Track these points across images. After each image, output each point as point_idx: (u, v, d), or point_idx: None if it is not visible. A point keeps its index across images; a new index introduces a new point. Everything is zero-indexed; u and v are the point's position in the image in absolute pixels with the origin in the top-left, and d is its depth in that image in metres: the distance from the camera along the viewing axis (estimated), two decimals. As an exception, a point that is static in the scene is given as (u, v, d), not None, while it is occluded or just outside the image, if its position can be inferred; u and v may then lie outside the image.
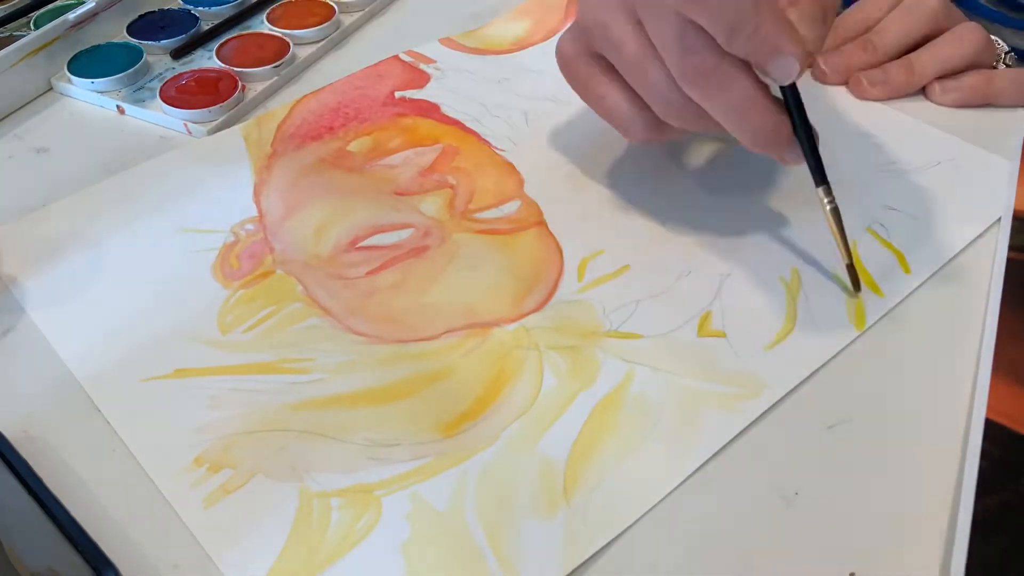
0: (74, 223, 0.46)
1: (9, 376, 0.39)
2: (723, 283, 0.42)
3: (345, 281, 0.42)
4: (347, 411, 0.37)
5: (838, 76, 0.55)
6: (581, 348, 0.39)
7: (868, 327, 0.40)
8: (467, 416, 0.37)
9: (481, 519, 0.33)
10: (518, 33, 0.61)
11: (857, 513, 0.34)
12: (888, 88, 0.54)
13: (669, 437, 0.36)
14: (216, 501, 0.33)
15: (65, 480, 0.34)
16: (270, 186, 0.48)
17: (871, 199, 0.47)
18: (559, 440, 0.36)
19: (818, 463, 0.36)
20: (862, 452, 0.36)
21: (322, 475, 0.34)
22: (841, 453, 0.36)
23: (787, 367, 0.39)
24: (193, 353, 0.39)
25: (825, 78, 0.56)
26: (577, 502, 0.34)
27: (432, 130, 0.52)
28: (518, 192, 0.48)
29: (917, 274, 0.43)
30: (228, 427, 0.36)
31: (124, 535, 0.33)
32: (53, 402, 0.37)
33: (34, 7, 0.59)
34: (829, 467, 0.35)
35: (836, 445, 0.36)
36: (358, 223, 0.45)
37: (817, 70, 0.56)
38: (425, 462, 0.35)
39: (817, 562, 0.33)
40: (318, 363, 0.38)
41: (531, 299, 0.41)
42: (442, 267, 0.43)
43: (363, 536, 0.32)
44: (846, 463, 0.36)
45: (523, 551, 0.32)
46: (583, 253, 0.44)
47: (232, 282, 0.42)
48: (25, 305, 0.41)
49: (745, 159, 0.48)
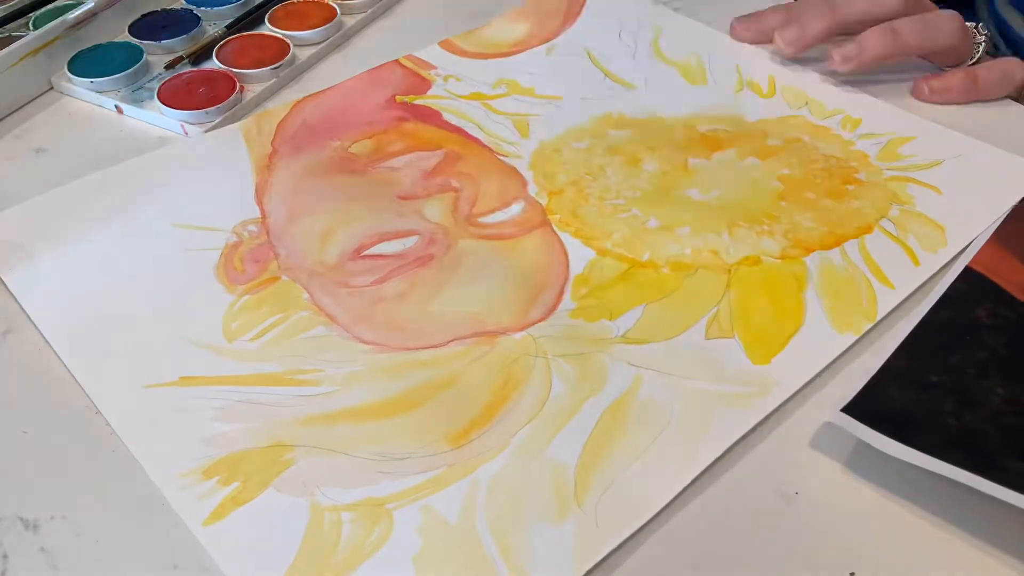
0: (68, 215, 0.46)
1: (9, 375, 0.39)
2: (729, 282, 0.42)
3: (350, 289, 0.42)
4: (356, 425, 0.36)
5: (795, 47, 0.57)
6: (589, 355, 0.39)
7: (879, 320, 0.41)
8: (476, 424, 0.36)
9: (492, 528, 0.33)
10: (518, 35, 0.61)
11: (857, 513, 0.34)
12: (863, 58, 0.54)
13: (678, 438, 0.36)
14: (226, 514, 0.33)
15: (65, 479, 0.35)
16: (272, 187, 0.48)
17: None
18: (568, 445, 0.36)
19: (818, 463, 0.36)
20: (863, 452, 0.36)
21: (332, 489, 0.34)
22: (841, 453, 0.36)
23: (797, 365, 0.39)
24: (198, 360, 0.39)
25: (781, 50, 0.57)
26: (588, 506, 0.34)
27: (434, 135, 0.52)
28: (522, 193, 0.48)
29: (927, 267, 0.43)
30: (237, 441, 0.36)
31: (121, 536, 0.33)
32: (53, 402, 0.37)
33: (34, 7, 0.59)
34: (829, 467, 0.36)
35: (836, 445, 0.36)
36: (363, 230, 0.45)
37: (775, 43, 0.58)
38: (435, 474, 0.35)
39: (817, 562, 0.33)
40: (327, 374, 0.38)
41: (537, 307, 0.41)
42: (448, 277, 0.43)
43: (374, 550, 0.32)
44: (846, 463, 0.36)
45: (534, 558, 0.32)
46: (589, 255, 0.44)
47: (236, 286, 0.42)
48: (22, 301, 0.41)
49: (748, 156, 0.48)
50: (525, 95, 0.55)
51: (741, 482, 0.35)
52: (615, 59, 0.58)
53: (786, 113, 0.54)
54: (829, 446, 0.36)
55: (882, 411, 0.35)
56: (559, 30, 0.61)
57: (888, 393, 0.36)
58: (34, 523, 0.33)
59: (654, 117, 0.54)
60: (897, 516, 0.34)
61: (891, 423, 0.34)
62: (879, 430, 0.34)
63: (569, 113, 0.54)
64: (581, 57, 0.59)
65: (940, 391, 0.36)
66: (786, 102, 0.55)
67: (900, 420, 0.35)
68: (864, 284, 0.42)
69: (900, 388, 0.36)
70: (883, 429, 0.34)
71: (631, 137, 0.52)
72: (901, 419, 0.35)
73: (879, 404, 0.36)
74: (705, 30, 0.61)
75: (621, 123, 0.53)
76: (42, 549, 0.32)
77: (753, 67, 0.58)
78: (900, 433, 0.34)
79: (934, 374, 0.37)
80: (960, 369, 0.37)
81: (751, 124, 0.53)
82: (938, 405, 0.36)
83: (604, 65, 0.58)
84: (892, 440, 0.34)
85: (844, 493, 0.35)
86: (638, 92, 0.56)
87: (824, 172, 0.49)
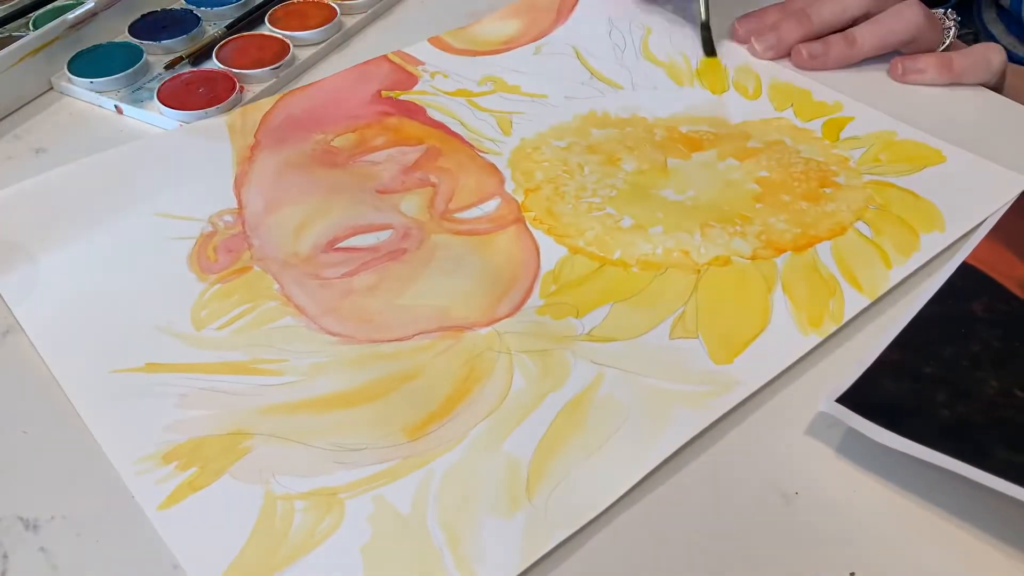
0: (50, 203, 0.46)
1: (9, 375, 0.39)
2: (698, 283, 0.42)
3: (321, 281, 0.43)
4: (315, 416, 0.37)
5: (773, 52, 0.58)
6: (552, 351, 0.39)
7: (845, 322, 0.41)
8: (435, 417, 0.37)
9: (441, 520, 0.33)
10: (508, 33, 0.61)
11: (857, 513, 0.34)
12: (827, 59, 0.57)
13: (635, 435, 0.36)
14: (181, 498, 0.34)
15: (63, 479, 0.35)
16: (251, 179, 0.48)
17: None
18: (525, 439, 0.36)
19: (818, 463, 0.36)
20: (863, 451, 0.36)
21: (287, 478, 0.34)
22: (841, 453, 0.36)
23: (760, 364, 0.39)
24: (165, 347, 0.39)
25: (759, 55, 0.59)
26: (539, 500, 0.34)
27: (416, 131, 0.52)
28: (498, 190, 0.48)
29: (898, 271, 0.43)
30: (197, 428, 0.36)
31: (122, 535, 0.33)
32: (53, 401, 0.38)
33: (34, 7, 0.60)
34: (829, 467, 0.36)
35: (836, 445, 0.36)
36: (338, 222, 0.46)
37: (751, 48, 0.59)
38: (391, 464, 0.35)
39: (817, 562, 0.33)
40: (291, 364, 0.39)
41: (505, 304, 0.42)
42: (418, 271, 0.43)
43: (324, 538, 0.33)
44: (847, 463, 0.36)
45: (481, 549, 0.32)
46: (561, 253, 0.44)
47: (208, 275, 0.43)
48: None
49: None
50: (511, 93, 0.55)
51: (741, 481, 0.35)
52: (603, 59, 0.59)
53: (770, 115, 0.54)
54: (830, 446, 0.36)
55: (876, 401, 0.35)
56: (550, 28, 0.62)
57: (882, 384, 0.36)
58: (34, 523, 0.33)
59: (637, 117, 0.54)
60: (897, 516, 0.34)
61: (884, 413, 0.35)
62: (872, 420, 0.34)
63: (554, 111, 0.54)
64: (569, 56, 0.59)
65: (933, 382, 0.36)
66: (772, 103, 0.55)
67: (893, 410, 0.35)
68: (833, 286, 0.42)
69: (894, 379, 0.37)
70: (876, 419, 0.34)
71: (612, 136, 0.52)
72: (894, 409, 0.35)
73: (873, 395, 0.36)
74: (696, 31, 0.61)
75: (604, 122, 0.53)
76: (42, 549, 0.33)
77: (741, 68, 0.58)
78: (893, 423, 0.34)
79: (928, 366, 0.37)
80: (954, 361, 0.37)
81: (734, 126, 0.53)
82: (931, 396, 0.36)
83: (591, 64, 0.58)
84: (885, 429, 0.34)
85: (844, 493, 0.35)
86: (624, 92, 0.56)
87: (802, 175, 0.49)
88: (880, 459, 0.35)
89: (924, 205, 0.47)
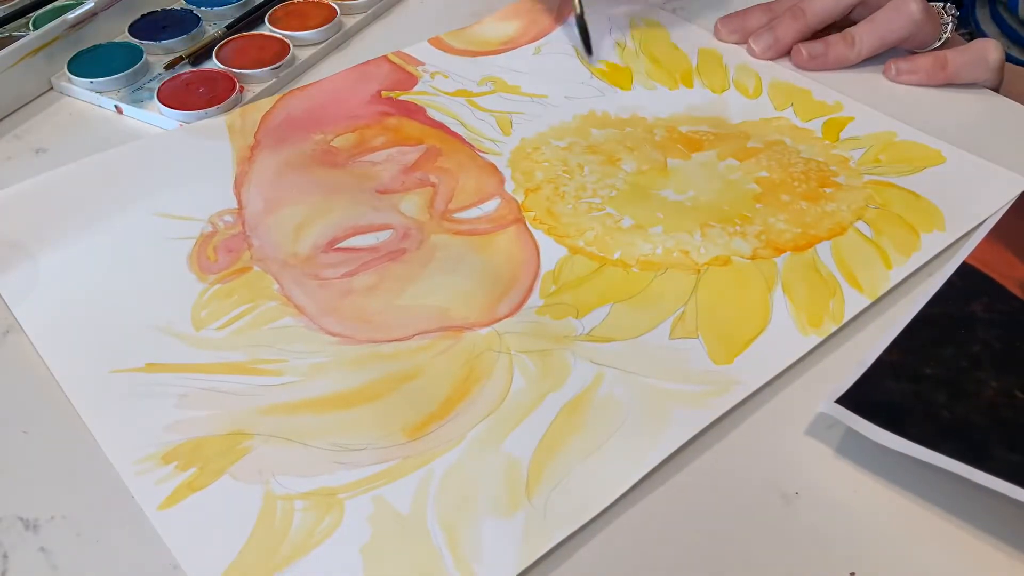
0: (51, 203, 0.46)
1: (10, 375, 0.39)
2: (698, 283, 0.42)
3: (321, 281, 0.43)
4: (316, 416, 0.37)
5: (772, 51, 0.59)
6: (552, 351, 0.39)
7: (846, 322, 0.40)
8: (435, 417, 0.37)
9: (441, 520, 0.33)
10: (508, 33, 0.61)
11: (857, 513, 0.34)
12: (827, 60, 0.57)
13: (634, 435, 0.36)
14: (181, 499, 0.34)
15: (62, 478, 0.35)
16: (251, 179, 0.48)
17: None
18: (524, 440, 0.36)
19: (818, 463, 0.36)
20: (863, 452, 0.36)
21: (287, 478, 0.34)
22: (841, 453, 0.36)
23: (760, 364, 0.39)
24: (165, 347, 0.39)
25: (757, 55, 0.59)
26: (538, 500, 0.34)
27: (416, 131, 0.52)
28: (498, 190, 0.48)
29: (898, 271, 0.43)
30: (197, 428, 0.36)
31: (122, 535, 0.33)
32: (53, 401, 0.38)
33: (34, 7, 0.60)
34: (829, 467, 0.36)
35: (836, 445, 0.36)
36: (338, 223, 0.46)
37: (748, 48, 0.59)
38: (390, 465, 0.35)
39: (817, 562, 0.33)
40: (291, 364, 0.39)
41: (505, 304, 0.41)
42: (418, 271, 0.43)
43: (324, 538, 0.33)
44: (847, 464, 0.36)
45: (480, 550, 0.32)
46: (561, 253, 0.44)
47: (208, 275, 0.43)
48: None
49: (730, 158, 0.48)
50: (511, 93, 0.55)
51: (741, 481, 0.35)
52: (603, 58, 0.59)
53: (770, 115, 0.54)
54: (830, 446, 0.36)
55: (875, 402, 0.35)
56: (550, 28, 0.62)
57: (882, 385, 0.36)
58: (34, 523, 0.33)
59: (637, 117, 0.54)
60: (897, 516, 0.34)
61: (884, 414, 0.35)
62: (872, 420, 0.34)
63: (554, 112, 0.54)
64: (569, 56, 0.59)
65: (933, 383, 0.36)
66: (772, 103, 0.55)
67: (893, 411, 0.35)
68: (833, 286, 0.42)
69: (894, 380, 0.37)
70: (876, 419, 0.34)
71: (611, 136, 0.52)
72: (894, 410, 0.35)
73: (873, 395, 0.36)
74: (695, 31, 0.61)
75: (605, 122, 0.53)
76: (42, 549, 0.33)
77: (741, 67, 0.58)
78: (893, 423, 0.34)
79: (928, 366, 0.37)
80: (954, 361, 0.37)
81: (734, 126, 0.53)
82: (931, 396, 0.36)
83: (591, 64, 0.58)
84: (885, 430, 0.34)
85: (844, 493, 0.35)
86: (624, 92, 0.56)
87: (803, 175, 0.49)
88: (880, 459, 0.35)
89: (924, 205, 0.47)
